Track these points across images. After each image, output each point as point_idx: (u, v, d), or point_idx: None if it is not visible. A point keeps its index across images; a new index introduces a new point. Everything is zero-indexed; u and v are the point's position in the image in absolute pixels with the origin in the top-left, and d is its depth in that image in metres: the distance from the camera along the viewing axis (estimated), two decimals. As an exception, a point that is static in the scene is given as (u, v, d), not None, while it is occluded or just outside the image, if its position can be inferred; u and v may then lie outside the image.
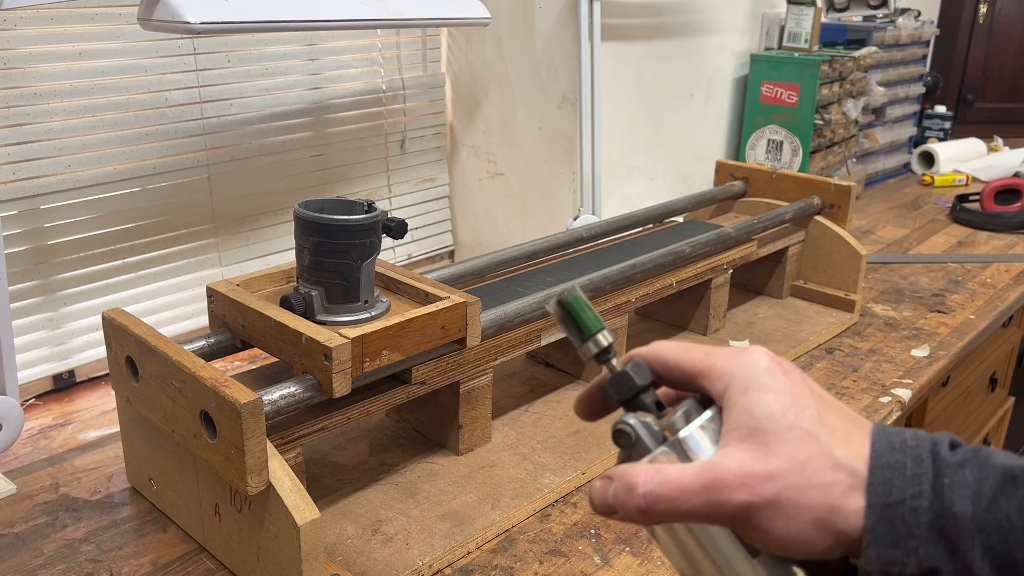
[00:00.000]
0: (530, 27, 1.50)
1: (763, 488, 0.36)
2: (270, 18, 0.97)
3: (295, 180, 1.38)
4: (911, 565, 0.35)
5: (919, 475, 0.36)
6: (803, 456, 0.37)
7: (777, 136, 1.84)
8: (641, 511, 0.37)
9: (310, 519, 0.64)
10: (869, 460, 0.37)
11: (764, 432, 0.37)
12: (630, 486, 0.38)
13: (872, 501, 0.36)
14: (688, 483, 0.37)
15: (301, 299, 0.78)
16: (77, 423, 1.07)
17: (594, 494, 0.39)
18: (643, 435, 0.40)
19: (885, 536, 0.35)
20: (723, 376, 0.39)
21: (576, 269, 1.07)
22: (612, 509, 0.38)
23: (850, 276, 1.31)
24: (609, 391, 0.42)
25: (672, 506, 0.37)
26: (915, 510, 0.35)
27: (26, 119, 1.06)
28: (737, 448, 0.37)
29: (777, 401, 0.38)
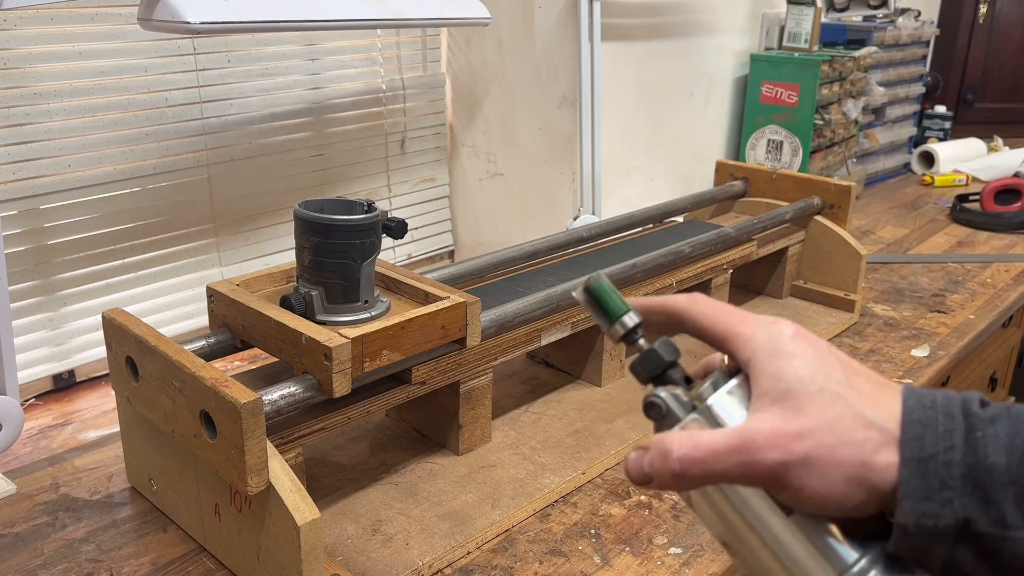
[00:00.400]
0: (530, 27, 1.50)
1: (795, 446, 0.37)
2: (270, 18, 0.97)
3: (295, 180, 1.38)
4: (945, 517, 0.35)
5: (951, 430, 0.36)
6: (833, 416, 0.37)
7: (777, 136, 1.84)
8: (676, 475, 0.38)
9: (310, 519, 0.64)
10: (901, 417, 0.37)
11: (794, 395, 0.38)
12: (665, 452, 0.39)
13: (906, 456, 0.36)
14: (721, 445, 0.38)
15: (301, 299, 0.78)
16: (77, 423, 1.07)
17: (630, 464, 0.40)
18: (673, 405, 0.41)
19: (919, 489, 0.36)
20: (749, 343, 0.40)
21: (576, 269, 1.07)
22: (648, 478, 0.39)
23: (850, 276, 1.31)
24: (638, 369, 0.43)
25: (706, 469, 0.38)
26: (948, 463, 0.36)
27: (26, 119, 1.06)
28: (768, 411, 0.38)
29: (805, 366, 0.39)
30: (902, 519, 0.36)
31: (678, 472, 0.38)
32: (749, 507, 0.40)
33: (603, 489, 0.87)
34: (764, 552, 0.40)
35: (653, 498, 0.85)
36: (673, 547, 0.78)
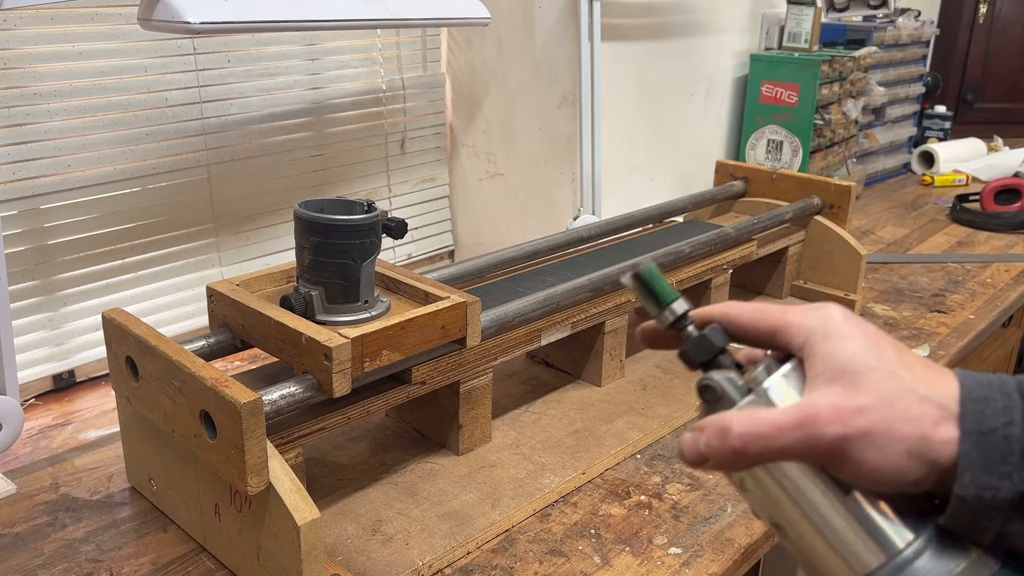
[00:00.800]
0: (530, 27, 1.50)
1: (855, 421, 0.38)
2: (270, 18, 0.97)
3: (295, 180, 1.38)
4: (1004, 489, 0.36)
5: (1009, 407, 0.37)
6: (890, 392, 0.38)
7: (777, 136, 1.84)
8: (737, 451, 0.39)
9: (310, 519, 0.64)
10: (959, 393, 0.39)
11: (851, 373, 0.39)
12: (725, 429, 0.39)
13: (966, 429, 0.37)
14: (782, 421, 0.38)
15: (301, 299, 0.78)
16: (77, 423, 1.07)
17: (685, 446, 0.41)
18: (728, 388, 0.42)
19: (980, 462, 0.37)
20: (802, 330, 0.41)
21: (576, 269, 1.07)
22: (704, 458, 0.40)
23: (850, 276, 1.31)
24: (690, 355, 0.43)
25: (768, 444, 0.38)
26: (1007, 438, 0.37)
27: (26, 119, 1.06)
28: (826, 388, 0.39)
29: (858, 346, 0.40)
30: (962, 491, 0.37)
31: (739, 448, 0.39)
32: (806, 485, 0.40)
33: (603, 489, 0.87)
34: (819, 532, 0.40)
35: (653, 498, 0.85)
36: (673, 547, 0.78)
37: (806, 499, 0.40)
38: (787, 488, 0.41)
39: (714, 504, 0.84)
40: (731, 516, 0.83)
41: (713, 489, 0.87)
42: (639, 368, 1.11)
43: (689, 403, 1.02)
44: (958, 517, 0.37)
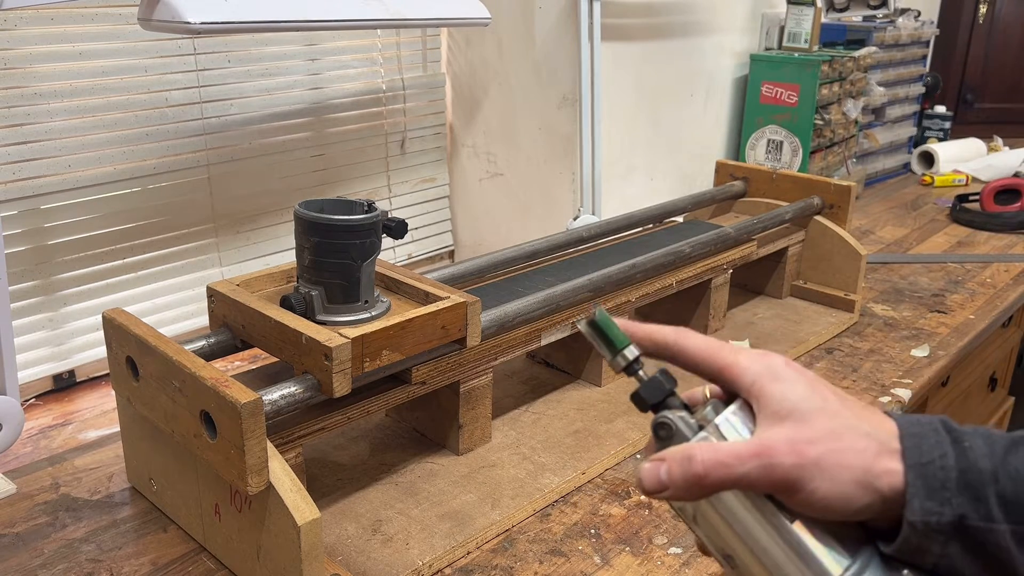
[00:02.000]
0: (530, 27, 1.50)
1: (808, 451, 0.41)
2: (270, 18, 0.97)
3: (295, 180, 1.38)
4: (946, 514, 0.40)
5: (940, 441, 0.42)
6: (836, 427, 0.42)
7: (777, 136, 1.84)
8: (699, 477, 0.41)
9: (310, 519, 0.64)
10: (898, 430, 0.43)
11: (800, 411, 0.43)
12: (688, 457, 0.42)
13: (909, 461, 0.41)
14: (742, 450, 0.42)
15: (301, 299, 0.78)
16: (77, 423, 1.07)
17: (645, 474, 0.43)
18: (681, 426, 0.44)
19: (923, 490, 0.41)
20: (749, 370, 0.45)
21: (576, 269, 1.07)
22: (664, 486, 0.43)
23: (850, 276, 1.31)
24: (642, 396, 0.46)
25: (728, 472, 0.41)
26: (944, 468, 0.41)
27: (26, 119, 1.06)
28: (779, 425, 0.43)
29: (804, 389, 0.44)
30: (911, 516, 0.40)
31: (701, 474, 0.41)
32: (753, 516, 0.43)
33: (603, 489, 0.87)
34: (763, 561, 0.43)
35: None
36: (673, 547, 0.78)
37: (753, 529, 0.43)
38: (736, 519, 0.43)
39: (714, 504, 0.84)
40: (731, 516, 0.83)
41: (713, 489, 0.87)
42: (639, 368, 1.11)
43: (689, 403, 1.02)
44: (907, 542, 0.41)
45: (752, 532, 0.43)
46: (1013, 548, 0.40)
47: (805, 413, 0.42)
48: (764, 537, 0.43)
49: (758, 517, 0.43)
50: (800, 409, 0.43)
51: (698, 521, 0.45)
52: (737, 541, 0.44)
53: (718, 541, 0.45)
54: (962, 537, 0.40)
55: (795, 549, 0.42)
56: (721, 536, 0.44)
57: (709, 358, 0.46)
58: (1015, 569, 0.40)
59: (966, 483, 0.40)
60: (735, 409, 0.45)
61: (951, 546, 0.40)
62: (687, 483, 0.42)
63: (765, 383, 0.44)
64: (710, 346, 0.47)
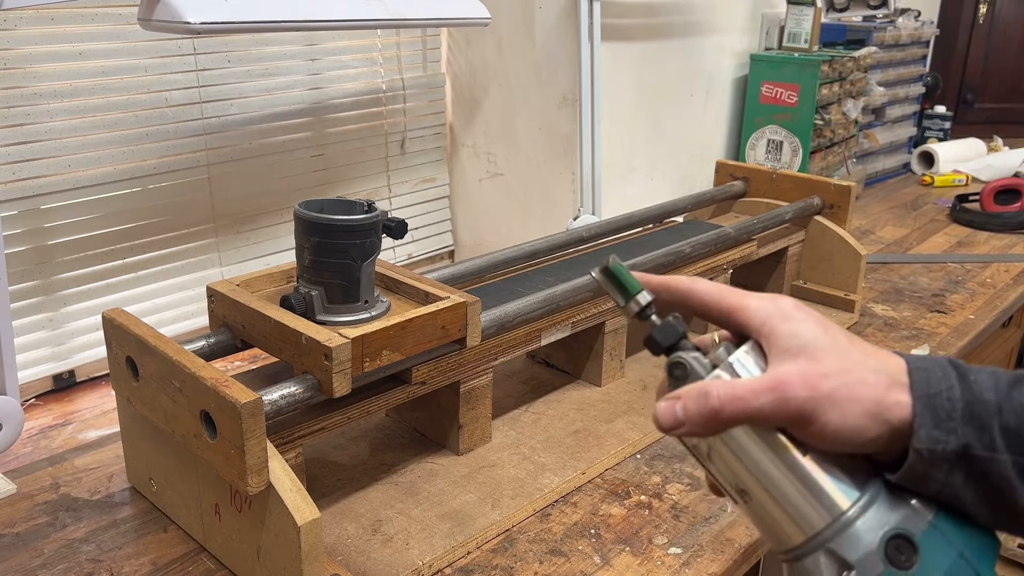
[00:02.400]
0: (530, 27, 1.50)
1: (821, 384, 0.42)
2: (270, 18, 0.97)
3: (295, 180, 1.38)
4: (951, 442, 0.42)
5: (947, 375, 0.43)
6: (847, 363, 0.43)
7: (777, 136, 1.84)
8: (715, 411, 0.42)
9: (310, 519, 0.64)
10: (906, 365, 0.44)
11: (812, 348, 0.44)
12: (704, 393, 0.43)
13: (917, 392, 0.43)
14: (757, 385, 0.43)
15: (301, 299, 0.78)
16: (77, 423, 1.07)
17: (661, 412, 0.44)
18: (696, 365, 0.45)
19: (930, 419, 0.42)
20: (760, 311, 0.46)
21: (576, 269, 1.07)
22: (680, 423, 0.43)
23: (850, 276, 1.31)
24: (656, 339, 0.47)
25: (744, 405, 0.42)
26: (951, 399, 0.42)
27: (26, 119, 1.06)
28: (792, 361, 0.44)
29: (815, 328, 0.45)
30: (918, 444, 0.42)
31: (717, 408, 0.42)
32: (766, 449, 0.44)
33: (603, 489, 0.87)
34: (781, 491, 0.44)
35: (653, 498, 0.85)
36: (673, 547, 0.78)
37: (766, 463, 0.44)
38: (750, 454, 0.44)
39: (714, 504, 0.84)
40: (731, 516, 0.83)
41: (713, 489, 0.87)
42: (639, 368, 1.11)
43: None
44: (913, 469, 0.42)
45: (765, 466, 0.44)
46: (1014, 478, 0.41)
47: (817, 350, 0.43)
48: (776, 471, 0.44)
49: (771, 451, 0.44)
50: (812, 346, 0.44)
51: (712, 458, 0.46)
52: (750, 476, 0.44)
53: (731, 477, 0.45)
54: (966, 466, 0.41)
55: (806, 482, 0.43)
56: (734, 472, 0.45)
57: (720, 300, 0.47)
58: (1015, 498, 0.41)
59: (971, 414, 0.42)
60: (747, 349, 0.46)
61: (955, 475, 0.42)
62: (703, 418, 0.43)
63: (776, 323, 0.45)
64: (720, 289, 0.48)
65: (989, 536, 0.43)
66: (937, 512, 0.43)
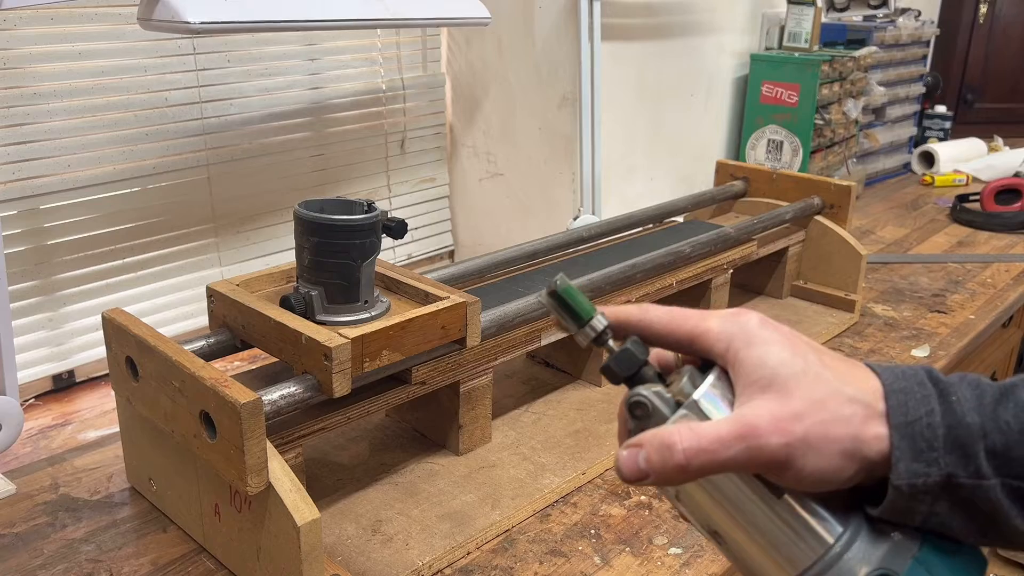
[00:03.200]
0: (530, 27, 1.50)
1: (794, 428, 0.39)
2: (270, 18, 0.97)
3: (295, 180, 1.38)
4: (933, 474, 0.39)
5: (927, 396, 0.40)
6: (820, 395, 0.40)
7: (777, 136, 1.84)
8: (681, 467, 0.39)
9: (310, 519, 0.64)
10: (883, 388, 0.41)
11: (781, 379, 0.40)
12: (668, 445, 0.39)
13: (895, 422, 0.39)
14: (724, 434, 0.39)
15: (301, 299, 0.78)
16: (77, 423, 1.07)
17: (623, 463, 0.41)
18: (658, 404, 0.41)
19: (909, 451, 0.39)
20: (722, 336, 0.42)
21: (576, 269, 1.07)
22: (644, 474, 0.40)
23: (850, 276, 1.31)
24: (613, 370, 0.43)
25: (711, 458, 0.39)
26: (931, 425, 0.39)
27: (26, 119, 1.06)
28: (760, 398, 0.40)
29: (783, 351, 0.41)
30: (897, 480, 0.39)
31: (682, 464, 0.39)
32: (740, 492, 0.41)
33: (603, 489, 0.87)
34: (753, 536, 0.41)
35: (653, 498, 0.85)
36: (673, 547, 0.78)
37: (740, 506, 0.41)
38: (721, 497, 0.41)
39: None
40: (731, 516, 0.83)
41: (713, 489, 0.87)
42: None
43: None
44: (894, 505, 0.39)
45: (740, 508, 0.41)
46: (1004, 500, 0.39)
47: (786, 380, 0.40)
48: (752, 513, 0.41)
49: (746, 493, 0.41)
50: (780, 376, 0.40)
51: (681, 499, 0.43)
52: (724, 518, 0.42)
53: (703, 518, 0.43)
54: (950, 495, 0.39)
55: (786, 522, 0.41)
56: (707, 514, 0.42)
57: (678, 328, 0.44)
58: (1005, 520, 0.39)
59: (954, 440, 0.39)
60: (713, 380, 0.42)
61: (939, 504, 0.39)
62: (668, 472, 0.39)
63: (739, 348, 0.41)
64: (675, 316, 0.44)
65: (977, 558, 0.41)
66: (921, 544, 0.40)
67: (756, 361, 0.41)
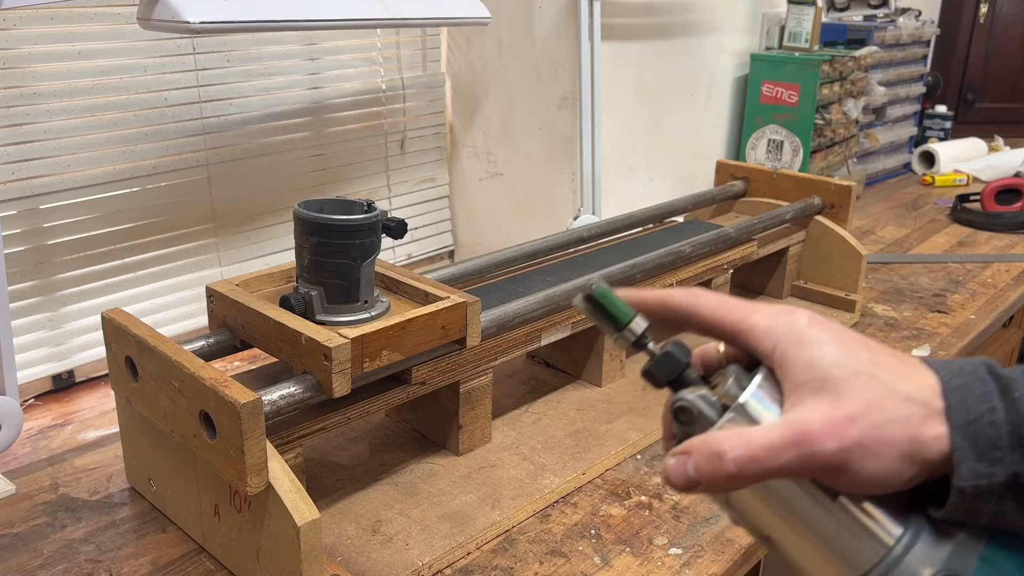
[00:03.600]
0: (530, 27, 1.49)
1: (849, 431, 0.37)
2: (270, 18, 0.97)
3: (295, 180, 1.38)
4: (999, 474, 0.37)
5: (987, 392, 0.38)
6: (875, 396, 0.38)
7: (777, 136, 1.84)
8: (732, 476, 0.38)
9: (310, 519, 0.64)
10: (940, 386, 0.39)
11: (833, 380, 0.38)
12: (717, 454, 0.38)
13: (955, 422, 0.37)
14: (776, 440, 0.37)
15: (301, 299, 0.77)
16: (77, 423, 1.07)
17: (672, 471, 0.39)
18: (704, 408, 0.40)
19: (971, 452, 0.37)
20: (769, 334, 0.40)
21: (576, 269, 1.07)
22: (694, 483, 0.39)
23: (850, 276, 1.31)
24: (654, 374, 0.42)
25: (763, 466, 0.37)
26: (993, 423, 0.37)
27: (26, 119, 1.06)
28: (812, 401, 0.38)
29: (835, 352, 0.39)
30: (960, 483, 0.37)
31: (734, 473, 0.38)
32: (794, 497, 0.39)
33: (603, 489, 0.87)
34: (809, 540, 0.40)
35: (653, 498, 0.85)
36: (673, 547, 0.78)
37: (795, 511, 0.40)
38: (774, 502, 0.40)
39: (714, 505, 0.84)
40: (731, 516, 0.83)
41: (713, 489, 0.87)
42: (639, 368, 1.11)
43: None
44: (957, 507, 0.38)
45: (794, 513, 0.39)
46: None
47: (838, 381, 0.38)
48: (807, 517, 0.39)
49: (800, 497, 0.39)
50: (832, 377, 0.38)
51: (732, 504, 0.42)
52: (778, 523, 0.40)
53: (755, 524, 0.41)
54: (1017, 494, 0.37)
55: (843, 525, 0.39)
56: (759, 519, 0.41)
57: (724, 319, 0.42)
58: None
59: (1019, 438, 0.37)
60: (760, 381, 0.40)
61: (1005, 504, 0.37)
62: (718, 481, 0.38)
63: (788, 348, 0.39)
64: (723, 305, 0.42)
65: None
66: (987, 542, 0.38)
67: (806, 362, 0.39)
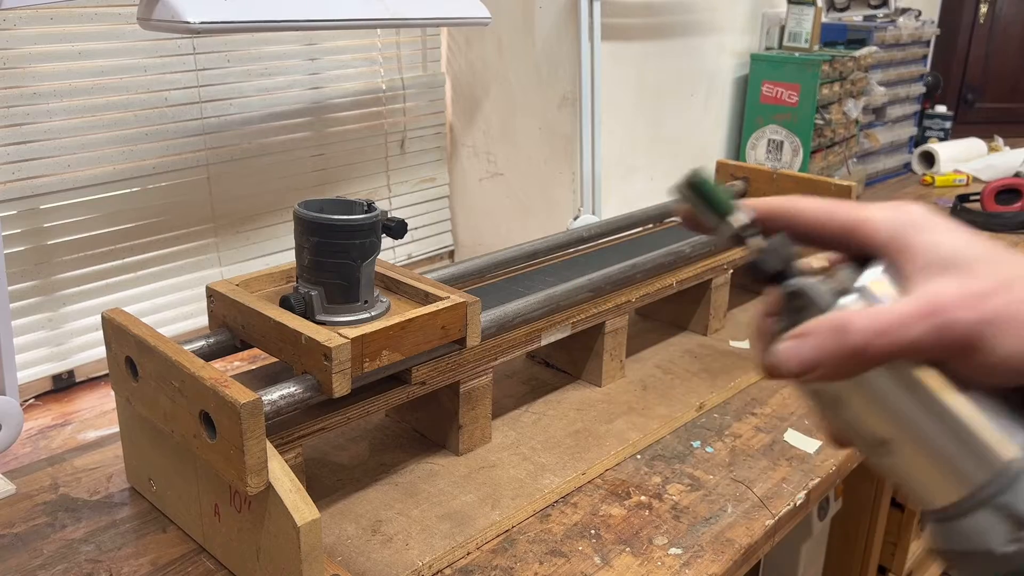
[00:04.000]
0: (530, 27, 1.49)
1: (985, 304, 0.34)
2: (270, 18, 0.97)
3: (295, 180, 1.38)
4: None
5: None
6: (1006, 276, 0.35)
7: (777, 136, 1.84)
8: (858, 351, 0.35)
9: (310, 519, 0.64)
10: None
11: (960, 260, 0.36)
12: (841, 328, 0.35)
13: None
14: (908, 312, 0.35)
15: (301, 299, 0.78)
16: (77, 423, 1.07)
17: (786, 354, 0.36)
18: (821, 292, 0.38)
19: None
20: (887, 223, 0.38)
21: (576, 269, 1.07)
22: (812, 365, 0.36)
23: (850, 276, 1.31)
24: (760, 267, 0.39)
25: (893, 339, 0.35)
26: None
27: (26, 119, 1.06)
28: (942, 277, 0.36)
29: (959, 237, 0.37)
30: None
31: (860, 346, 0.35)
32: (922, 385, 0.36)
33: (603, 489, 0.87)
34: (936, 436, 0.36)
35: (653, 498, 0.85)
36: (673, 547, 0.78)
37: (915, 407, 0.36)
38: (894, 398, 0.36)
39: (714, 504, 0.84)
40: (731, 516, 0.83)
41: (714, 489, 0.87)
42: (639, 368, 1.11)
43: (689, 403, 1.01)
44: None
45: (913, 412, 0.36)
46: None
47: (967, 261, 0.35)
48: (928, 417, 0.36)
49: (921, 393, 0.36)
50: (959, 257, 0.36)
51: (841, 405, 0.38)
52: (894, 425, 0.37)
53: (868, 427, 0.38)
54: None
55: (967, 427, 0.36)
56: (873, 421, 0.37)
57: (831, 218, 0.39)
58: None
59: None
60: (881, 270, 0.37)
61: None
62: (842, 358, 0.35)
63: (910, 234, 0.37)
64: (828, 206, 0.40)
65: None
66: None
67: (932, 244, 0.36)
